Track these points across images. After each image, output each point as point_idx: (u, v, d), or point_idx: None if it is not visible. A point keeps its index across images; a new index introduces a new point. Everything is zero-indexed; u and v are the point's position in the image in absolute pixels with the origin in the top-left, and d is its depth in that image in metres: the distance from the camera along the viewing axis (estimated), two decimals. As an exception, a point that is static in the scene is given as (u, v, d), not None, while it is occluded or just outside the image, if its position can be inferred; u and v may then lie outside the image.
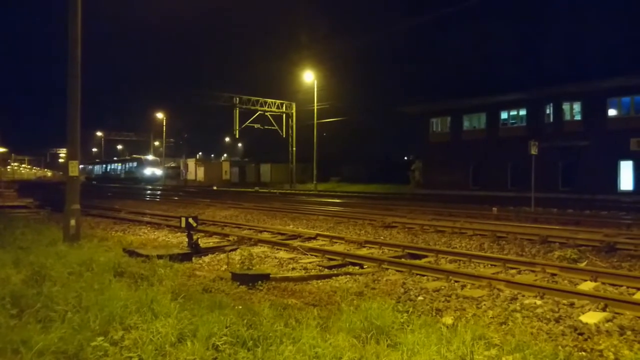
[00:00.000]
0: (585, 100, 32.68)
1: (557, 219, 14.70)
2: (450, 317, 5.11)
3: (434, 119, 41.84)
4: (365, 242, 10.06)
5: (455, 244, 10.28)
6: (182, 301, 5.02)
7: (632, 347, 4.23)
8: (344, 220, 15.05)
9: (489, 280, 6.48)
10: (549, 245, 9.80)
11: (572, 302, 5.52)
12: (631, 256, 8.57)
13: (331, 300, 5.72)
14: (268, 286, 6.34)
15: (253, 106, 48.71)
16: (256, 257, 8.33)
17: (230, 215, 17.07)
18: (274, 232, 11.98)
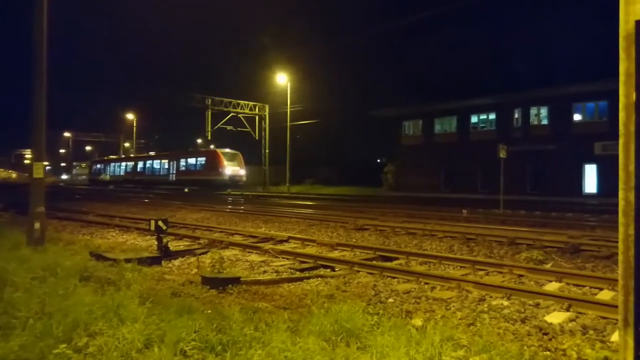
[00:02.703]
0: (552, 105, 33.60)
1: (525, 221, 15.02)
2: (420, 318, 5.16)
3: (406, 122, 42.34)
4: (337, 245, 10.08)
5: (426, 246, 10.39)
6: (150, 306, 4.93)
7: (594, 346, 4.35)
8: (316, 222, 15.06)
9: (458, 281, 6.57)
10: (516, 247, 10.00)
11: (538, 303, 5.65)
12: (594, 257, 8.81)
13: (302, 304, 5.71)
14: (239, 290, 6.29)
15: (225, 108, 48.37)
16: (227, 261, 8.24)
17: (202, 218, 16.88)
18: (246, 235, 11.90)
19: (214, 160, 44.59)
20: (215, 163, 44.22)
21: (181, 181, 47.79)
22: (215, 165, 44.23)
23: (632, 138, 2.99)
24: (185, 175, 47.85)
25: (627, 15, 2.95)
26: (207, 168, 45.14)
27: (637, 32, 2.96)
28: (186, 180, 46.96)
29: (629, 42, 2.96)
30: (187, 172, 48.14)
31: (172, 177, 49.96)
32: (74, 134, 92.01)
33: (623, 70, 3.00)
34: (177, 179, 48.86)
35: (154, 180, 52.13)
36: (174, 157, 50.76)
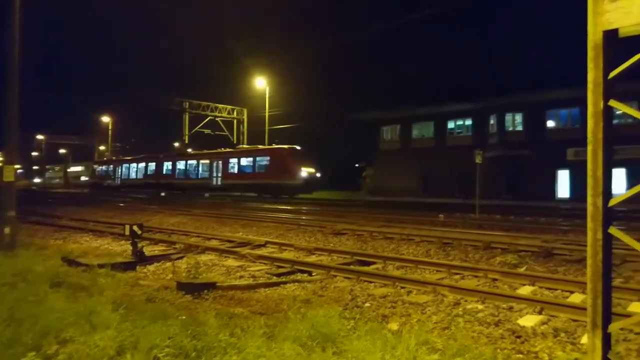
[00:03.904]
0: (527, 111, 34.27)
1: (500, 225, 15.24)
2: (396, 323, 5.19)
3: (384, 127, 42.68)
4: (314, 249, 10.08)
5: (403, 251, 10.46)
6: (123, 312, 4.85)
7: (565, 348, 4.44)
8: (294, 227, 15.02)
9: (434, 286, 6.63)
10: (491, 251, 10.13)
11: (511, 306, 5.74)
12: (566, 261, 8.98)
13: (278, 309, 5.69)
14: (214, 295, 6.24)
15: (203, 111, 48.09)
16: (203, 266, 8.15)
17: (179, 223, 16.69)
18: (223, 240, 11.81)
19: (282, 160, 35.65)
20: (284, 163, 35.35)
21: (232, 186, 39.82)
22: (284, 166, 35.20)
23: (600, 145, 3.07)
24: (238, 179, 39.14)
25: (595, 26, 3.04)
26: (273, 170, 35.91)
27: (604, 42, 3.05)
28: (239, 185, 39.09)
29: (597, 51, 3.05)
30: (240, 174, 39.14)
31: (217, 180, 41.09)
32: (47, 136, 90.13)
33: (591, 79, 3.08)
34: (225, 184, 40.13)
35: (191, 184, 43.94)
36: (220, 156, 41.82)
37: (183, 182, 44.73)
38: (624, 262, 8.30)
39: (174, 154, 48.22)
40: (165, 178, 46.60)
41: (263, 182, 36.31)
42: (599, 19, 3.02)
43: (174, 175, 45.77)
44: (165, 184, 46.10)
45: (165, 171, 47.14)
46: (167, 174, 46.68)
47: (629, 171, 26.87)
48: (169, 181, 45.94)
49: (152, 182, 47.76)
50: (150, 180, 48.26)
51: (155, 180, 47.43)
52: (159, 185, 46.65)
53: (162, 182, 46.45)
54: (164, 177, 46.78)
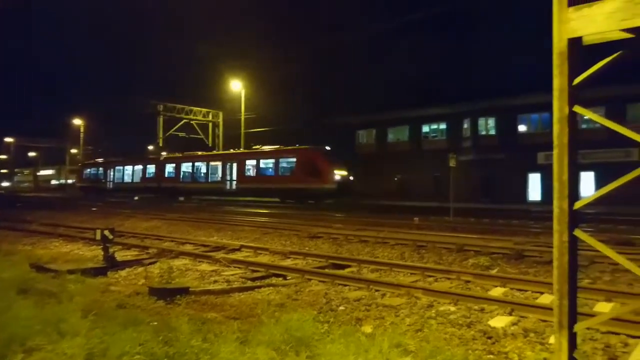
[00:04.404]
0: (499, 116, 34.94)
1: (473, 228, 15.45)
2: (370, 325, 5.22)
3: (360, 131, 42.96)
4: (290, 253, 10.06)
5: (378, 254, 10.52)
6: (93, 318, 4.76)
7: (534, 348, 4.53)
8: (270, 231, 14.96)
9: (407, 288, 6.69)
10: (465, 253, 10.26)
11: (483, 308, 5.83)
12: (537, 262, 9.17)
13: (253, 313, 5.66)
14: (188, 300, 6.17)
15: (178, 114, 47.56)
16: (177, 270, 8.08)
17: (152, 227, 16.46)
18: (197, 244, 11.69)
19: (312, 162, 31.31)
20: (315, 165, 31.02)
21: (249, 191, 35.43)
22: (314, 168, 30.91)
23: (565, 150, 3.16)
24: (257, 183, 34.57)
25: (560, 34, 3.13)
26: (301, 172, 31.54)
27: (569, 49, 3.14)
28: (259, 189, 34.55)
29: (562, 59, 3.14)
30: (259, 178, 34.62)
31: (231, 184, 36.38)
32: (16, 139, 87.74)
33: (557, 85, 3.17)
34: (241, 188, 35.66)
35: (199, 189, 39.50)
36: (234, 157, 36.98)
37: (189, 187, 40.36)
38: (592, 263, 8.51)
39: (179, 155, 43.15)
40: (168, 182, 41.69)
41: (289, 187, 31.94)
42: (563, 27, 3.11)
43: (179, 178, 41.06)
44: (168, 188, 41.13)
45: (168, 174, 42.13)
46: (170, 177, 41.80)
47: (597, 175, 27.61)
48: (172, 185, 41.17)
49: (153, 186, 42.84)
50: (150, 184, 43.42)
51: (156, 184, 42.59)
52: (160, 190, 41.76)
53: (165, 186, 41.65)
54: (167, 180, 41.89)
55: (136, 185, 45.40)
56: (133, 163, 47.06)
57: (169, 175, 42.05)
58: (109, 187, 48.67)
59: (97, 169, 51.99)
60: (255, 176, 34.99)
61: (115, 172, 48.72)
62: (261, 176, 34.56)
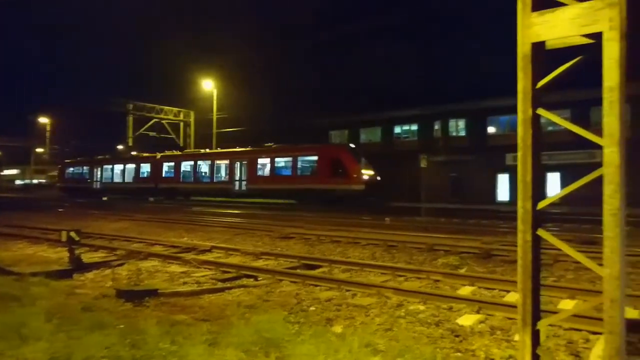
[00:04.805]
0: (469, 118, 35.58)
1: (444, 228, 15.68)
2: (340, 325, 5.24)
3: (333, 132, 43.10)
4: (261, 254, 10.02)
5: (349, 254, 10.57)
6: (58, 322, 4.65)
7: (500, 345, 4.62)
8: (241, 231, 14.87)
9: (378, 288, 6.74)
10: (435, 253, 10.40)
11: (452, 306, 5.92)
12: (504, 261, 9.36)
13: (223, 315, 5.61)
14: (156, 302, 6.07)
15: (149, 113, 46.77)
16: (145, 272, 7.96)
17: (121, 228, 16.14)
18: (167, 245, 11.52)
19: (337, 160, 28.36)
20: (341, 164, 28.11)
21: (262, 192, 32.55)
22: (339, 167, 28.06)
23: (529, 151, 3.23)
24: (271, 183, 31.64)
25: (524, 38, 3.20)
26: (324, 172, 28.69)
27: (533, 53, 3.21)
28: (273, 190, 31.68)
29: (526, 62, 3.21)
30: (273, 178, 31.67)
31: (240, 185, 33.47)
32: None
33: (521, 88, 3.24)
34: (252, 189, 32.77)
35: (202, 190, 36.45)
36: (245, 155, 33.94)
37: (191, 187, 37.32)
38: (556, 261, 8.73)
39: (178, 153, 40.37)
40: (167, 182, 38.52)
41: (310, 188, 28.97)
42: (527, 32, 3.19)
43: (178, 178, 37.93)
44: (167, 189, 38.18)
45: (166, 173, 38.99)
46: (169, 177, 38.63)
47: (562, 176, 28.40)
48: (171, 186, 38.06)
49: (148, 187, 39.65)
50: (145, 184, 40.17)
51: (152, 184, 39.33)
52: (157, 191, 38.83)
53: (163, 187, 38.57)
54: (165, 180, 38.72)
55: (128, 186, 42.06)
56: (124, 161, 43.69)
57: (167, 174, 39.01)
58: (95, 188, 45.23)
59: (82, 168, 48.39)
60: (269, 176, 31.99)
61: (104, 172, 45.22)
62: (276, 176, 31.62)
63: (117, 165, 44.26)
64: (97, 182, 45.54)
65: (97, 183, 45.54)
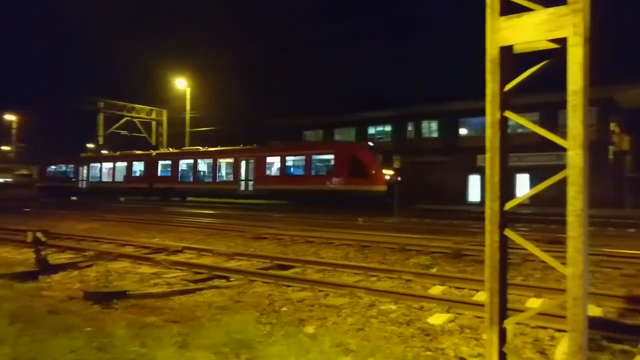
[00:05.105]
0: (441, 120, 36.09)
1: (416, 228, 15.85)
2: (312, 326, 5.24)
3: (307, 132, 43.12)
4: (234, 254, 9.94)
5: (323, 254, 10.58)
6: (21, 326, 4.52)
7: (469, 344, 4.70)
8: (214, 232, 14.74)
9: (350, 288, 6.77)
10: (407, 253, 10.50)
11: (422, 306, 5.98)
12: (475, 261, 9.52)
13: (194, 316, 5.54)
14: (126, 304, 5.96)
15: (120, 111, 45.92)
16: (115, 273, 7.80)
17: (91, 228, 15.80)
18: (138, 246, 11.33)
19: (358, 159, 26.61)
20: (362, 163, 26.40)
21: (270, 192, 30.56)
22: (361, 166, 26.32)
23: (497, 153, 3.29)
24: (281, 184, 29.82)
25: (492, 42, 3.26)
26: (343, 171, 27.00)
27: (501, 57, 3.28)
28: (284, 191, 29.74)
29: (494, 65, 3.27)
30: (284, 178, 30.06)
31: (246, 185, 31.71)
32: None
33: (489, 91, 3.30)
34: (260, 189, 30.98)
35: (203, 190, 34.92)
36: (252, 153, 32.03)
37: (191, 187, 35.48)
38: (524, 261, 8.93)
39: (176, 151, 38.46)
40: (163, 182, 36.39)
41: (326, 189, 27.37)
42: (495, 36, 3.25)
43: (176, 177, 35.91)
44: (163, 189, 36.15)
45: (162, 172, 36.86)
46: (165, 176, 36.48)
47: (531, 177, 29.07)
48: (168, 186, 35.93)
49: (141, 187, 37.58)
50: (138, 184, 38.01)
51: (146, 184, 37.25)
52: (152, 191, 36.89)
53: (158, 187, 36.52)
54: (161, 180, 36.57)
55: (119, 186, 39.83)
56: (115, 160, 41.21)
57: (164, 173, 36.78)
58: (81, 188, 42.85)
59: (66, 167, 45.60)
60: (279, 176, 30.30)
61: (91, 170, 42.70)
62: (287, 176, 29.99)
63: (106, 163, 41.80)
64: (82, 181, 43.14)
65: (83, 182, 43.11)
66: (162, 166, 37.29)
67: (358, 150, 27.31)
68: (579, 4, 2.88)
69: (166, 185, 36.10)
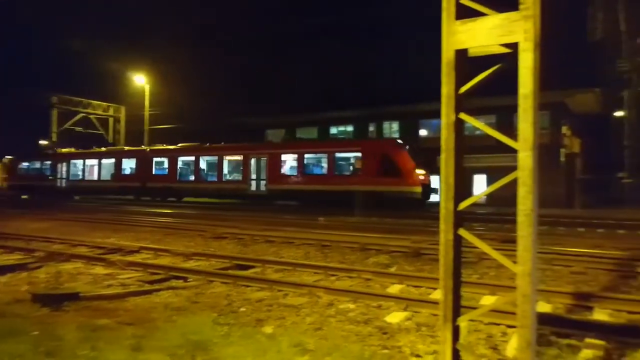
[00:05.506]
0: (402, 121, 36.63)
1: (377, 228, 16.01)
2: (271, 326, 5.21)
3: (269, 131, 42.92)
4: (192, 255, 9.78)
5: (283, 254, 10.55)
6: (-37, 331, 4.30)
7: (425, 341, 4.78)
8: (173, 231, 14.46)
9: (310, 288, 6.77)
10: (367, 252, 10.59)
11: (381, 305, 6.05)
12: (433, 260, 9.68)
13: (149, 318, 5.41)
14: (77, 306, 5.76)
15: (75, 107, 44.40)
16: (66, 275, 7.54)
17: (42, 228, 15.21)
18: (92, 246, 10.99)
19: (390, 158, 24.22)
20: (394, 162, 24.10)
21: (286, 193, 27.89)
22: (393, 166, 24.02)
23: (452, 154, 3.36)
24: (300, 184, 27.07)
25: (448, 45, 3.32)
26: (373, 171, 24.62)
27: (456, 60, 3.34)
28: (302, 192, 26.86)
29: (450, 68, 3.34)
30: (303, 177, 27.22)
31: (258, 185, 28.99)
32: None
33: (445, 93, 3.37)
34: (275, 190, 28.20)
35: (210, 190, 31.69)
36: (264, 150, 29.40)
37: (191, 187, 32.40)
38: (480, 259, 9.15)
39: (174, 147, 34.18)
40: (158, 180, 33.29)
41: (351, 189, 24.37)
42: (451, 39, 3.31)
43: (174, 176, 32.74)
44: (159, 189, 33.03)
45: (157, 170, 33.87)
46: (161, 175, 33.47)
47: (488, 177, 29.88)
48: (165, 185, 32.79)
49: (132, 186, 34.38)
50: (129, 183, 34.72)
51: (138, 183, 33.99)
52: (146, 191, 33.75)
53: (153, 186, 33.41)
54: (156, 179, 33.50)
55: (106, 185, 36.25)
56: (100, 156, 37.83)
57: (159, 171, 33.69)
58: (60, 187, 39.19)
59: (42, 163, 41.56)
60: (297, 175, 27.51)
61: (72, 167, 38.97)
62: (306, 175, 27.14)
63: (90, 160, 38.32)
64: (61, 179, 39.36)
65: (62, 181, 39.38)
66: (158, 163, 34.20)
67: (389, 147, 24.94)
68: (529, 11, 2.97)
69: (163, 185, 33.00)
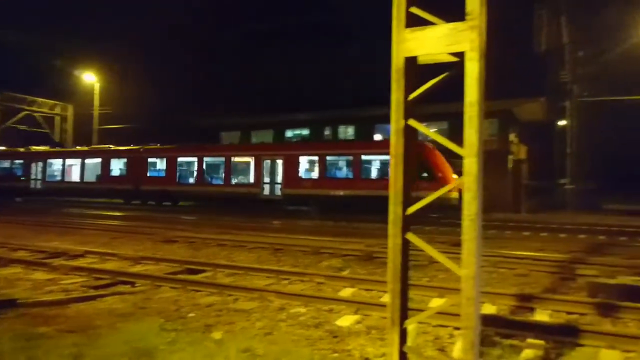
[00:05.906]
0: (358, 125, 37.01)
1: (331, 231, 16.08)
2: (220, 331, 5.12)
3: (224, 133, 42.39)
4: (141, 259, 9.51)
5: (235, 257, 10.42)
6: None
7: (375, 344, 4.82)
8: (121, 235, 14.02)
9: (261, 292, 6.71)
10: (320, 256, 10.61)
11: (332, 308, 6.06)
12: (384, 263, 9.76)
13: (92, 325, 5.21)
14: (15, 314, 5.49)
15: (19, 104, 42.30)
16: (4, 280, 7.17)
17: (-21, 231, 14.40)
18: (33, 250, 10.49)
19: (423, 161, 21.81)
20: (428, 165, 21.85)
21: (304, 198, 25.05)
22: (428, 169, 21.72)
23: (400, 159, 3.41)
24: (320, 188, 24.81)
25: (398, 52, 3.37)
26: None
27: (405, 67, 3.40)
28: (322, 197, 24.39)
29: (399, 75, 3.39)
30: (322, 181, 25.10)
31: (273, 190, 26.59)
32: None
33: (394, 99, 3.42)
34: (291, 194, 25.69)
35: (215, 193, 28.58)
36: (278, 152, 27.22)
37: (194, 191, 29.75)
38: (430, 263, 9.35)
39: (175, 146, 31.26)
40: (154, 183, 30.47)
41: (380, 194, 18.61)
42: (401, 46, 3.36)
43: (173, 178, 30.02)
44: (154, 192, 30.33)
45: (153, 172, 31.08)
46: (157, 177, 30.73)
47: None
48: (162, 188, 30.00)
49: (123, 188, 31.30)
50: (119, 185, 31.56)
51: (130, 185, 30.97)
52: (138, 194, 31.12)
53: (147, 189, 30.60)
54: (152, 181, 30.64)
55: (91, 187, 33.13)
56: (84, 155, 34.19)
57: (155, 173, 31.00)
58: (35, 188, 35.52)
59: (12, 162, 37.69)
60: (317, 179, 25.35)
61: (49, 167, 35.31)
62: (327, 179, 25.08)
63: (71, 159, 34.77)
64: (36, 180, 35.61)
65: (36, 182, 35.63)
66: (153, 164, 31.27)
67: (423, 150, 22.17)
68: (475, 21, 3.06)
69: (159, 188, 30.17)
